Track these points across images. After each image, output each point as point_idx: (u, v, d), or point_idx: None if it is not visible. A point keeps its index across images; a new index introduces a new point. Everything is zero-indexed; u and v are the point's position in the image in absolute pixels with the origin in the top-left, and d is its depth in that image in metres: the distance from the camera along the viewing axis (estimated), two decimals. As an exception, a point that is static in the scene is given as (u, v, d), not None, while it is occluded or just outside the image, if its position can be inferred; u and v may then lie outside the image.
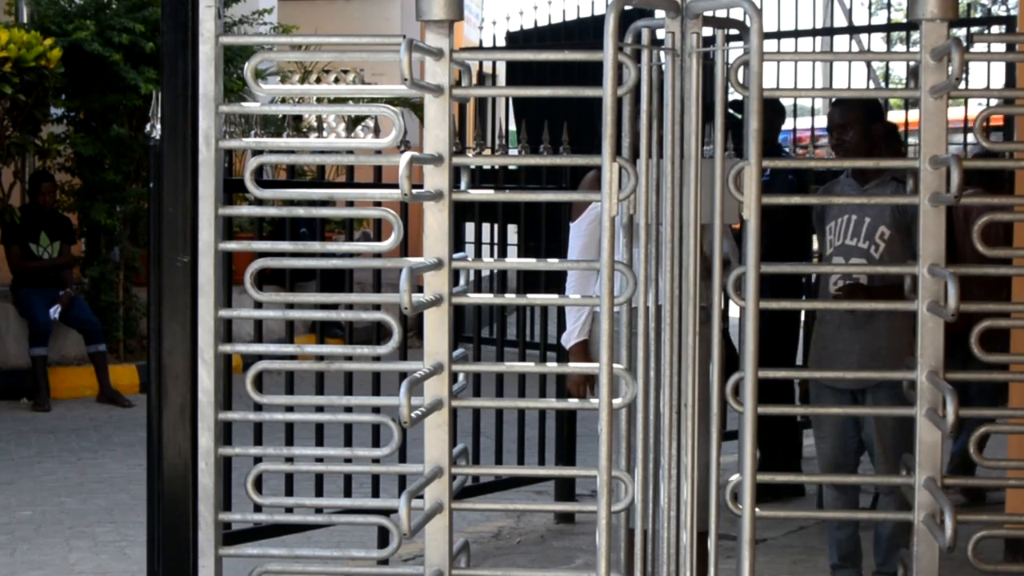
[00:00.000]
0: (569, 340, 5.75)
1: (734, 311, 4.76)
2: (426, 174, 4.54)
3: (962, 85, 4.39)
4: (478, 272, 7.77)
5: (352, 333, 6.14)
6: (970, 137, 11.00)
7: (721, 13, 4.47)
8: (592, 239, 5.62)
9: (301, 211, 5.15)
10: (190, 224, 4.66)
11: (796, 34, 11.89)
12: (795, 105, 13.99)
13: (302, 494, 5.75)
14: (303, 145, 5.25)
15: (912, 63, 4.77)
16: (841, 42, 13.31)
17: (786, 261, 6.84)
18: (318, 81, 14.59)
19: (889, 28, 14.30)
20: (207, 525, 4.64)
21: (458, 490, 4.72)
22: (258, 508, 5.00)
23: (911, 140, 10.25)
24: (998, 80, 10.18)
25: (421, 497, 4.54)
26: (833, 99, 6.34)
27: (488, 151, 7.69)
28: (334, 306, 5.88)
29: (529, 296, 6.40)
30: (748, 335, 4.10)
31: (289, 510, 5.45)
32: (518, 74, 13.11)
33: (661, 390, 4.58)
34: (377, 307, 5.43)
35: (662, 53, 4.51)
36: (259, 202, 5.06)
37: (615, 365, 4.20)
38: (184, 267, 4.69)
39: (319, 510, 5.51)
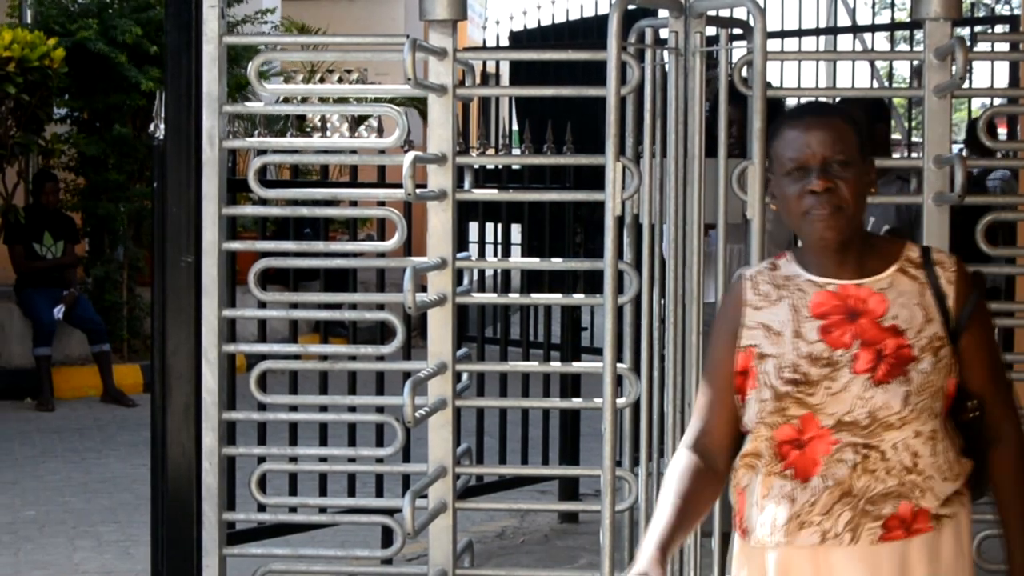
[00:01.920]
0: None
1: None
2: (430, 174, 4.54)
3: (966, 84, 4.39)
4: (481, 272, 7.78)
5: (356, 333, 6.14)
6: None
7: (724, 12, 4.48)
8: None
9: (305, 211, 5.16)
10: (194, 224, 4.66)
11: (800, 33, 11.89)
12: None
13: (306, 494, 5.75)
14: (307, 145, 5.25)
15: (916, 62, 4.78)
16: (845, 41, 13.31)
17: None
18: (322, 81, 14.58)
19: (893, 27, 14.31)
20: (211, 525, 4.65)
21: (462, 490, 4.73)
22: (262, 508, 5.00)
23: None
24: (1002, 79, 10.18)
25: (425, 497, 4.54)
26: (836, 99, 6.33)
27: (492, 151, 7.69)
28: (338, 306, 5.87)
29: (533, 296, 6.41)
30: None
31: (293, 510, 5.45)
32: (522, 74, 13.10)
33: (665, 389, 4.58)
34: (381, 307, 5.43)
35: (665, 53, 4.52)
36: (263, 202, 5.07)
37: (619, 364, 4.20)
38: (188, 267, 4.70)
39: (323, 510, 5.52)
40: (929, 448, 2.86)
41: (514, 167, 7.65)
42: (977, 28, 10.93)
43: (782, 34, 11.63)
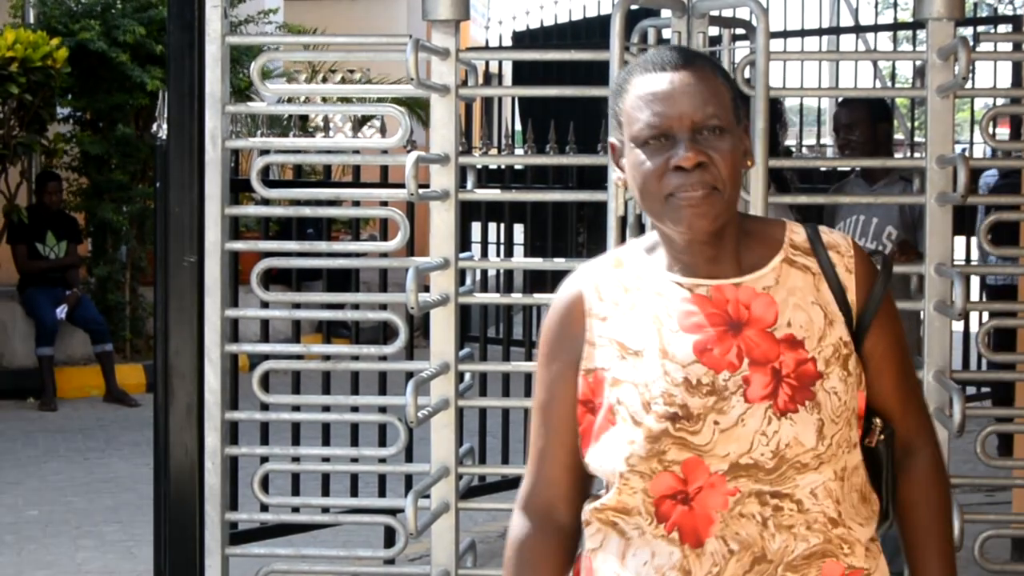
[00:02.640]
0: None
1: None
2: (432, 174, 4.54)
3: (968, 84, 4.39)
4: (484, 272, 7.78)
5: (358, 333, 6.14)
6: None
7: (727, 12, 4.47)
8: None
9: (308, 211, 5.16)
10: (197, 224, 4.66)
11: (802, 33, 11.89)
12: (801, 105, 13.99)
13: (308, 494, 5.75)
14: (309, 145, 5.26)
15: (919, 62, 4.77)
16: (848, 41, 13.32)
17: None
18: (324, 81, 14.59)
19: (895, 27, 14.30)
20: (214, 524, 4.65)
21: (464, 490, 4.72)
22: (264, 508, 5.00)
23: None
24: (1004, 79, 10.18)
25: (427, 497, 4.54)
26: (839, 99, 6.33)
27: (494, 151, 7.71)
28: (340, 306, 5.88)
29: (535, 295, 6.40)
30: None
31: (295, 510, 5.45)
32: (524, 74, 13.12)
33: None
34: (383, 307, 5.43)
35: (668, 52, 4.51)
36: (265, 202, 5.07)
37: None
38: (191, 267, 4.70)
39: (325, 510, 5.52)
40: (845, 488, 2.23)
41: (517, 167, 7.66)
42: (980, 28, 10.95)
43: (785, 34, 11.64)
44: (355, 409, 5.42)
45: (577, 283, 2.34)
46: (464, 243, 6.38)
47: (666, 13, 4.48)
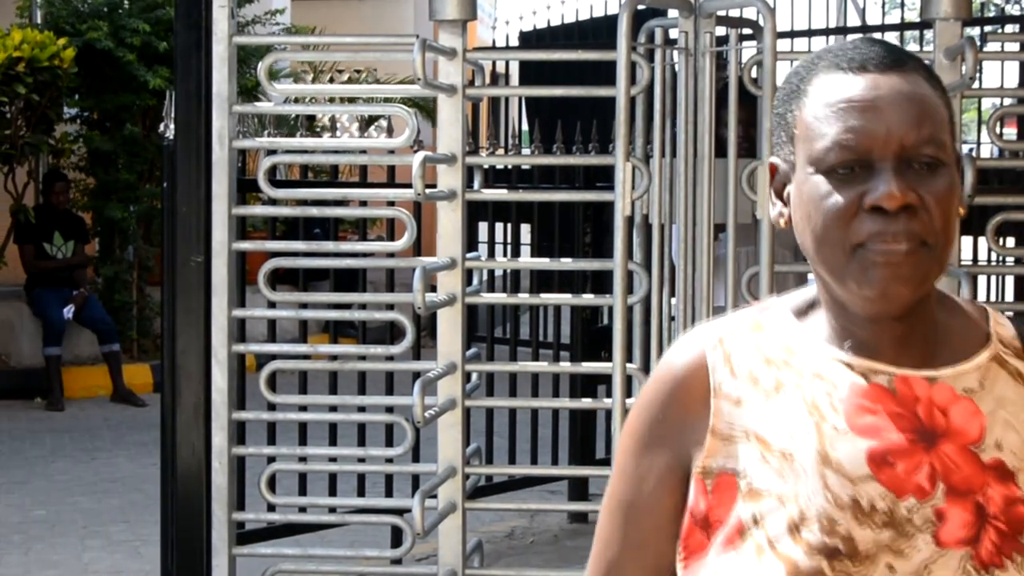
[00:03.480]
0: None
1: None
2: (439, 174, 4.54)
3: (975, 84, 4.38)
4: (491, 272, 7.78)
5: (365, 333, 6.14)
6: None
7: (735, 12, 4.47)
8: None
9: (315, 211, 5.16)
10: (204, 224, 4.66)
11: (810, 33, 11.88)
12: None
13: (315, 494, 5.75)
14: (316, 145, 5.26)
15: (926, 62, 4.77)
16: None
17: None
18: (331, 81, 14.60)
19: (903, 27, 14.28)
20: (221, 524, 4.65)
21: (471, 490, 4.72)
22: (272, 507, 5.00)
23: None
24: (1012, 79, 10.16)
25: (435, 497, 4.54)
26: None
27: (501, 151, 7.71)
28: (347, 306, 5.88)
29: (542, 296, 6.41)
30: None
31: (303, 510, 5.46)
32: (531, 74, 13.11)
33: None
34: (390, 307, 5.43)
35: (675, 53, 4.51)
36: (272, 202, 5.07)
37: (628, 364, 4.20)
38: (198, 267, 4.70)
39: (332, 510, 5.52)
40: None
41: (523, 167, 7.66)
42: (987, 28, 10.94)
43: (792, 34, 11.62)
44: (362, 409, 5.42)
45: (699, 345, 1.69)
46: (471, 243, 6.38)
47: (673, 13, 4.48)
